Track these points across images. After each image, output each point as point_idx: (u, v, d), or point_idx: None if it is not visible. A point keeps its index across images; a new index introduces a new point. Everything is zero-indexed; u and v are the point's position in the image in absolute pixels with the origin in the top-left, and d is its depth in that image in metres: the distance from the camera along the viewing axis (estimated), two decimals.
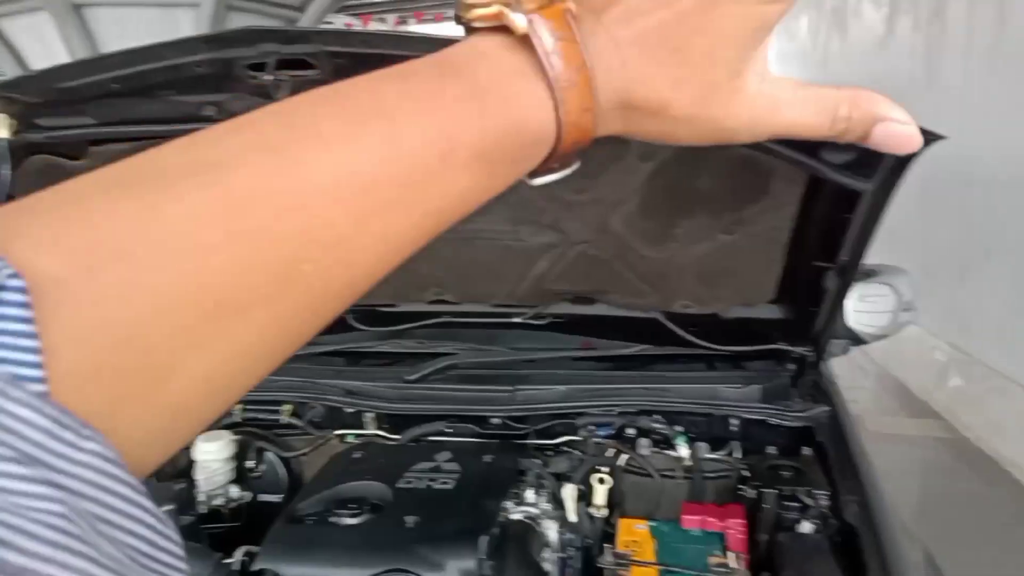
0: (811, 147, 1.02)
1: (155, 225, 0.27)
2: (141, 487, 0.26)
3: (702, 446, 1.67)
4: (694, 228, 1.32)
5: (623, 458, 1.61)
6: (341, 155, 0.31)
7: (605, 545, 1.37)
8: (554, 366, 1.79)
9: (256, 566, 1.33)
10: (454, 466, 1.54)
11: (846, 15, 7.24)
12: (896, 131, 0.39)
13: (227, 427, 1.79)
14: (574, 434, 1.66)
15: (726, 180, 1.21)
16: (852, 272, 1.37)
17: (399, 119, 0.33)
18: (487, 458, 1.58)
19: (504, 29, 0.35)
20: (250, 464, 1.77)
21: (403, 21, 10.34)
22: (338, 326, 1.76)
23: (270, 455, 1.79)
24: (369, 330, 1.76)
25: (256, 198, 0.29)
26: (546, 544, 1.40)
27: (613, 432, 1.63)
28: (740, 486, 1.51)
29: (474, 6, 0.35)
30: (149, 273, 0.27)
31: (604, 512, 1.52)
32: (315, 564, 1.30)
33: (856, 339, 2.01)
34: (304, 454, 1.73)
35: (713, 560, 1.29)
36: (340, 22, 9.89)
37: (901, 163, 1.03)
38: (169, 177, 0.29)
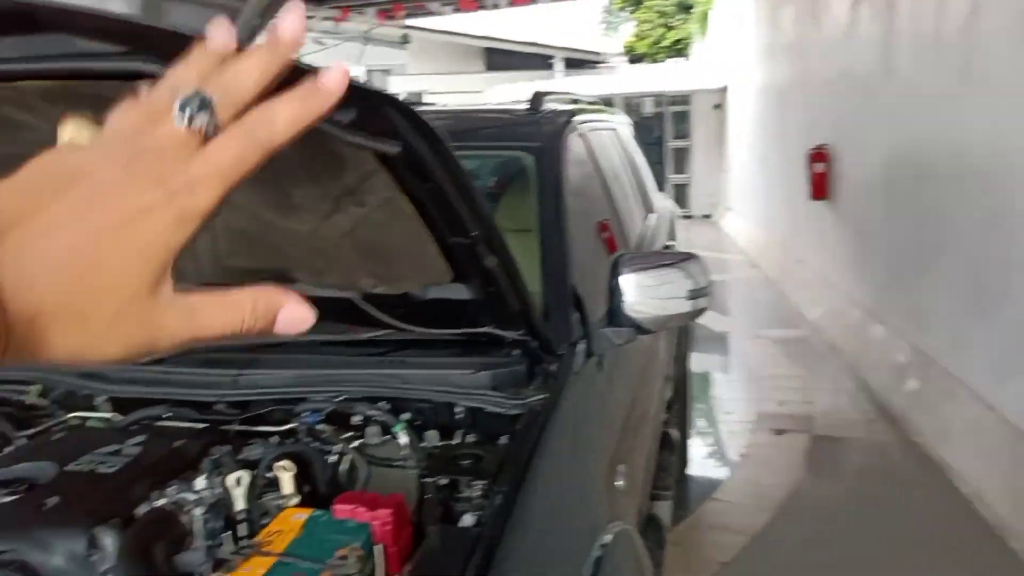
0: None
1: None
2: None
3: (432, 435, 1.60)
4: (312, 198, 1.24)
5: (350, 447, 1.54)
6: None
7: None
8: (290, 350, 1.74)
9: None
10: (136, 450, 1.49)
11: (818, 6, 7.03)
12: (292, 313, 0.43)
13: None
14: (294, 421, 1.61)
15: (301, 149, 1.12)
16: (502, 248, 1.29)
17: None
18: (177, 443, 1.53)
19: None
20: None
21: (389, 15, 10.29)
22: None
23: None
24: None
25: None
26: (190, 532, 1.35)
27: (321, 419, 1.56)
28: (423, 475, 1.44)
29: None
30: None
31: (294, 501, 1.45)
32: None
33: (639, 327, 1.93)
34: (23, 451, 1.68)
35: (338, 552, 1.22)
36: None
37: (415, 123, 0.97)
38: None
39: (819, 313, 7.31)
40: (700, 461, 4.56)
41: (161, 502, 1.37)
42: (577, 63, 18.39)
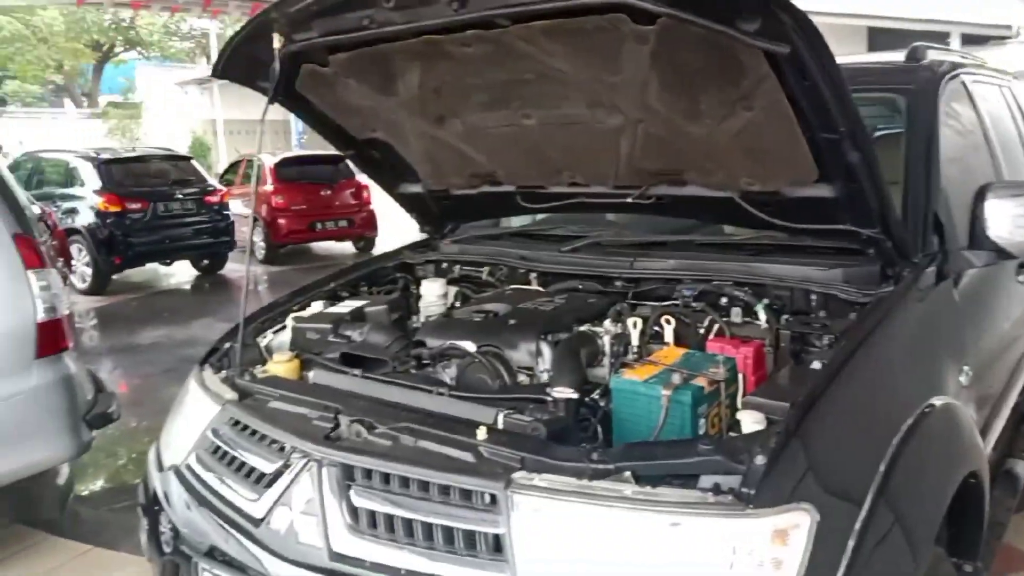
0: (728, 19, 1.35)
1: None
2: None
3: (785, 317, 1.93)
4: (714, 103, 1.60)
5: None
6: None
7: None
8: (676, 247, 2.18)
9: (414, 338, 2.03)
10: (562, 302, 2.06)
11: None
12: None
13: (449, 281, 2.52)
14: (673, 296, 2.05)
15: (706, 56, 1.48)
16: (866, 144, 1.57)
17: None
18: (591, 300, 2.07)
19: None
20: (457, 304, 2.48)
21: None
22: (510, 205, 2.37)
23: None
24: (532, 207, 2.33)
25: None
26: (603, 352, 1.86)
27: (695, 293, 1.98)
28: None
29: None
30: None
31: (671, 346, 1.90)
32: (444, 338, 1.94)
33: (1001, 252, 2.04)
34: (488, 298, 2.36)
35: (711, 369, 1.63)
36: None
37: (804, 27, 1.31)
38: None
39: None
40: None
41: (583, 328, 1.91)
42: (978, 39, 16.28)
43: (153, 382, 5.54)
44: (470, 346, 1.84)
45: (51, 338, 2.97)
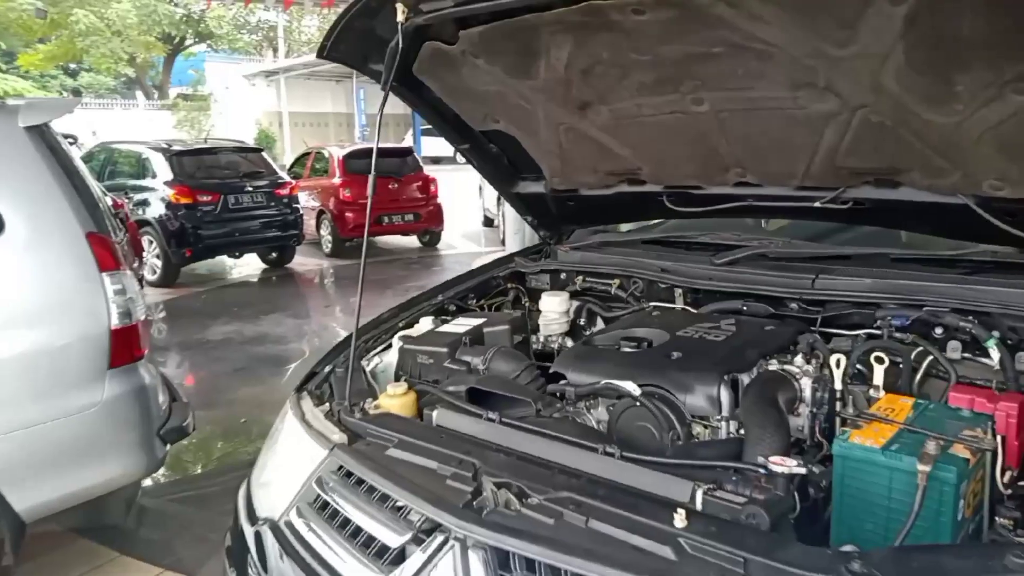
0: None
1: None
2: None
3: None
4: (976, 85, 1.22)
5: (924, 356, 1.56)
6: None
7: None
8: (865, 262, 1.78)
9: (551, 370, 1.68)
10: (731, 328, 1.68)
11: None
12: None
13: (572, 294, 2.18)
14: (871, 325, 1.65)
15: (993, 21, 1.11)
16: None
17: None
18: (768, 327, 1.68)
19: None
20: (582, 322, 2.13)
21: None
22: (651, 207, 2.00)
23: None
24: (681, 210, 1.96)
25: None
26: (800, 399, 1.48)
27: (907, 323, 1.58)
28: None
29: None
30: None
31: (882, 392, 1.51)
32: (591, 374, 1.58)
33: None
34: (620, 316, 2.01)
35: (968, 432, 1.24)
36: None
37: None
38: None
39: None
40: None
41: (772, 367, 1.53)
42: None
43: (224, 382, 5.33)
44: (632, 388, 1.48)
45: (126, 346, 2.72)
